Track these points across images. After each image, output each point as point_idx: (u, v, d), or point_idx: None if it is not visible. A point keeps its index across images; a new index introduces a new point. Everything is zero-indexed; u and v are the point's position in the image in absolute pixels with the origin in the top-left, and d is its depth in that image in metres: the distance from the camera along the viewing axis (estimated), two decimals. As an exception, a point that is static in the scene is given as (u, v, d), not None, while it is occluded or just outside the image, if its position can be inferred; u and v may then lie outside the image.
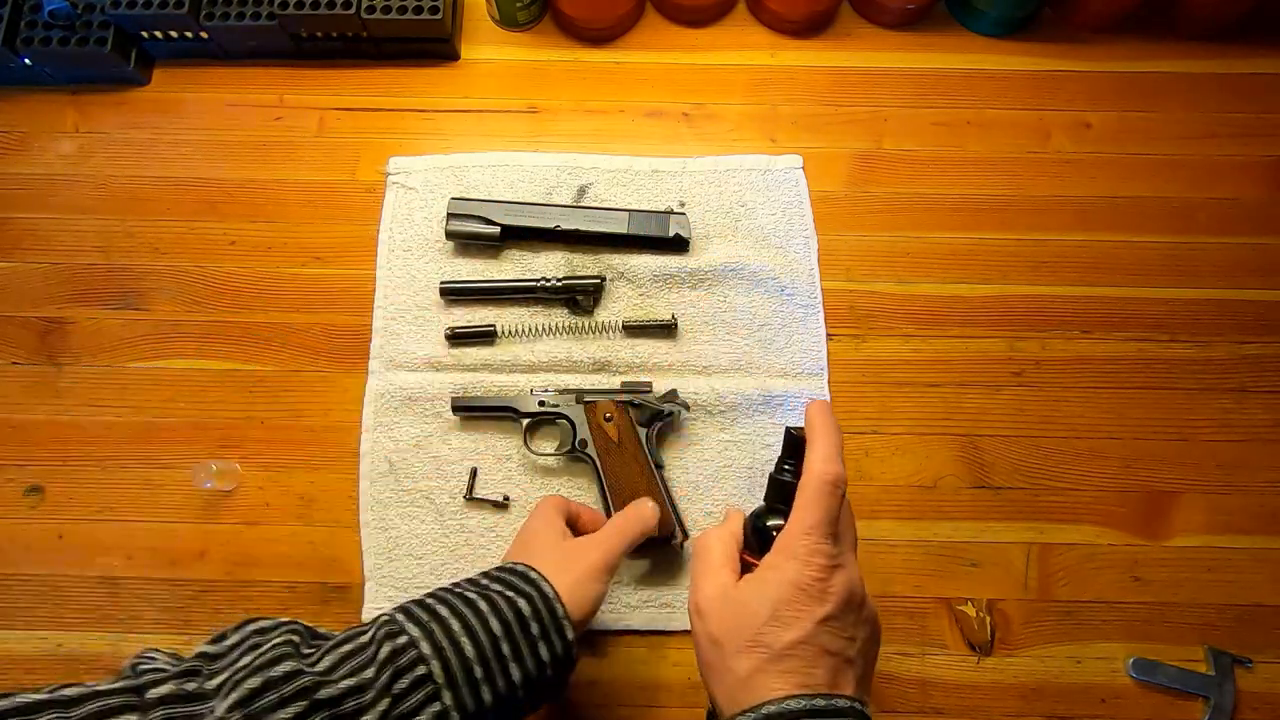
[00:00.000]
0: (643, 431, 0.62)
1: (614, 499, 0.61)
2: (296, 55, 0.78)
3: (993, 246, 0.73)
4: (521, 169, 0.73)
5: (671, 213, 0.70)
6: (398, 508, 0.65)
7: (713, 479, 0.65)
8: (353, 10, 0.72)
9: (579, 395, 0.64)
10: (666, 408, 0.63)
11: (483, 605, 0.44)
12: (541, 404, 0.64)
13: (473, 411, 0.65)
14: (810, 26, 0.79)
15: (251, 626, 0.43)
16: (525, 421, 0.64)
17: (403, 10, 0.73)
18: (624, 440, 0.62)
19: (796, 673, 0.37)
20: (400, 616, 0.43)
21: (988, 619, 0.63)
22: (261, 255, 0.72)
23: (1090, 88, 0.77)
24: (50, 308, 0.71)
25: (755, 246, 0.71)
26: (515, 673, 0.43)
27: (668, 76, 0.78)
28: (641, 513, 0.54)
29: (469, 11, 0.80)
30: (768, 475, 0.45)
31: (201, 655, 0.42)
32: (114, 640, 0.62)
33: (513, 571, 0.48)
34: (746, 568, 0.42)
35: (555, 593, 0.46)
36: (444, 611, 0.44)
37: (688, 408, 0.65)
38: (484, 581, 0.47)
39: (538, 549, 0.51)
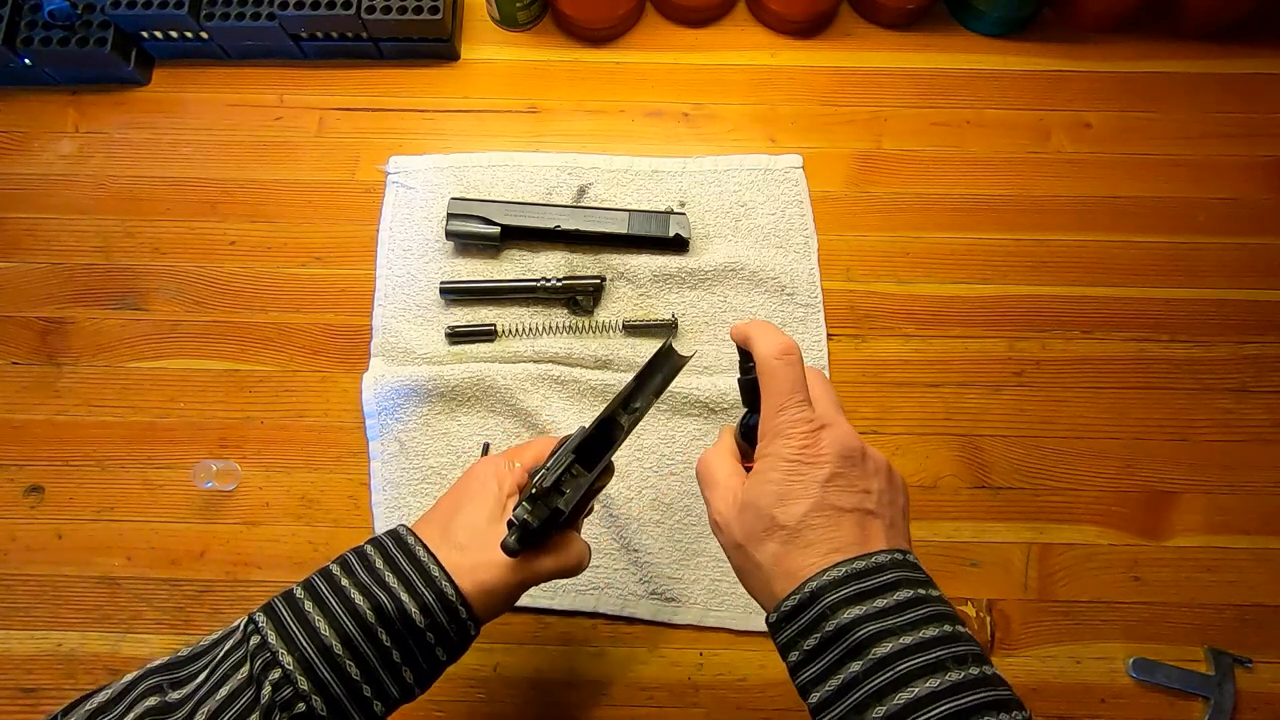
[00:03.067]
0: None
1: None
2: (296, 55, 0.78)
3: (993, 246, 0.73)
4: (521, 169, 0.73)
5: (671, 213, 0.70)
6: (409, 485, 0.65)
7: (713, 479, 0.65)
8: (353, 10, 0.72)
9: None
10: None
11: (369, 616, 0.39)
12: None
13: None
14: (810, 26, 0.79)
15: (87, 708, 0.36)
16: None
17: (403, 10, 0.73)
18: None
19: (821, 541, 0.36)
20: (273, 638, 0.38)
21: (988, 619, 0.63)
22: (261, 255, 0.72)
23: (1090, 88, 0.78)
24: (50, 308, 0.71)
25: (755, 246, 0.71)
26: (408, 675, 0.40)
27: (668, 76, 0.78)
28: (577, 558, 0.47)
29: (469, 11, 0.80)
30: (738, 384, 0.45)
31: None
32: (114, 640, 0.62)
33: (413, 559, 0.42)
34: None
35: (457, 593, 0.41)
36: (324, 629, 0.38)
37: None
38: (378, 566, 0.41)
39: (464, 514, 0.45)
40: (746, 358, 0.43)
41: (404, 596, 0.40)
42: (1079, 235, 0.73)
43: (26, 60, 0.73)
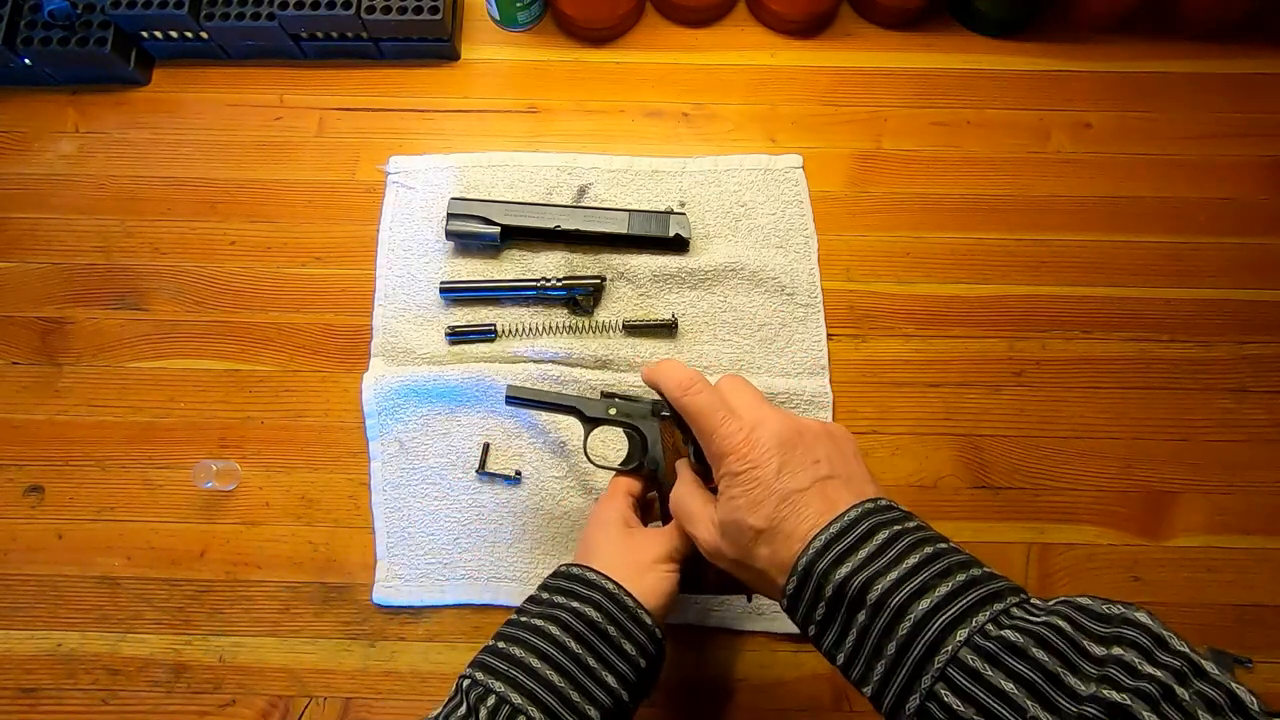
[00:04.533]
0: None
1: None
2: (296, 55, 0.78)
3: (993, 246, 0.73)
4: (521, 169, 0.73)
5: (671, 213, 0.70)
6: (409, 487, 0.65)
7: (713, 479, 0.66)
8: (353, 10, 0.72)
9: (655, 408, 0.55)
10: None
11: (554, 630, 0.44)
12: (613, 412, 0.56)
13: (526, 406, 0.59)
14: (810, 26, 0.79)
15: None
16: (588, 428, 0.58)
17: (403, 10, 0.73)
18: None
19: (799, 526, 0.39)
20: (481, 675, 0.43)
21: (988, 619, 0.63)
22: (261, 255, 0.72)
23: (1090, 88, 0.78)
24: (50, 308, 0.71)
25: (755, 246, 0.71)
26: (610, 679, 0.44)
27: (668, 76, 0.78)
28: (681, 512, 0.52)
29: (469, 11, 0.80)
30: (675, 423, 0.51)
31: None
32: (114, 640, 0.62)
33: (571, 578, 0.47)
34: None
35: (619, 586, 0.46)
36: (519, 653, 0.43)
37: None
38: (546, 597, 0.47)
39: (598, 542, 0.50)
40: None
41: (575, 604, 0.45)
42: (1079, 235, 0.73)
43: (26, 60, 0.73)
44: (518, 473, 0.65)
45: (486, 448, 0.66)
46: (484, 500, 0.65)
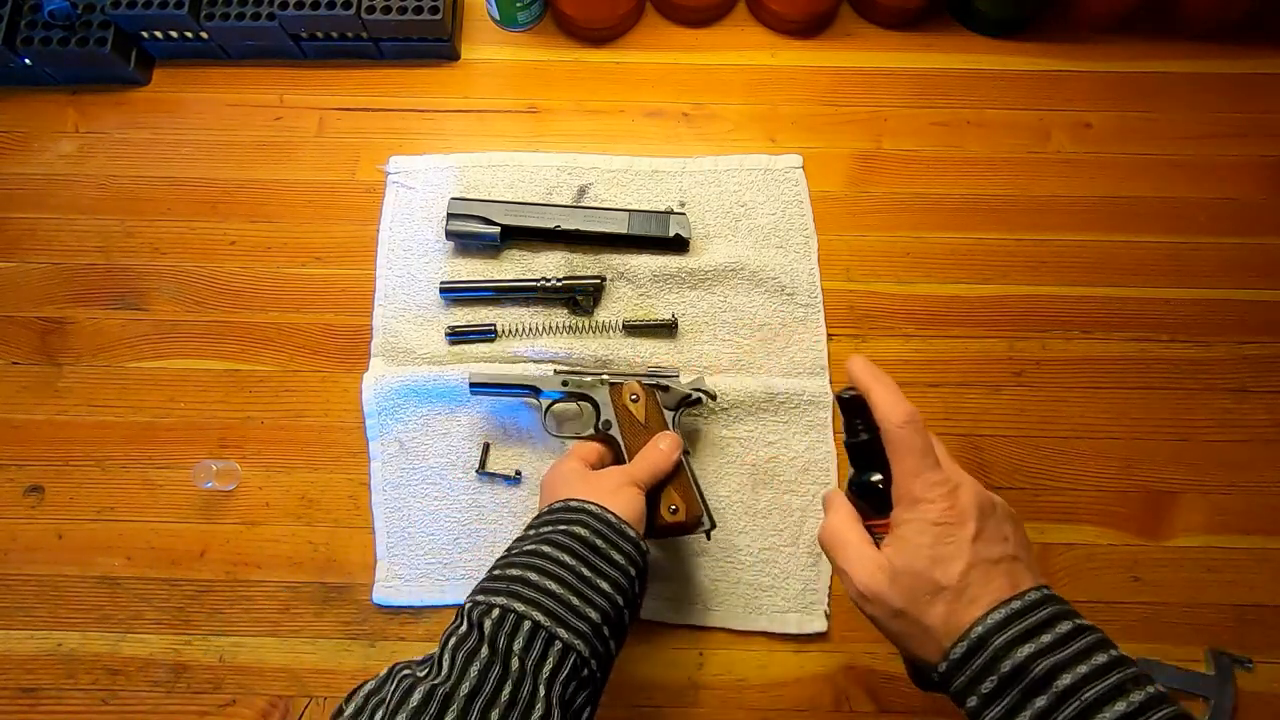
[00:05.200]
0: (669, 415, 0.61)
1: None
2: (296, 55, 0.78)
3: (993, 246, 0.73)
4: (521, 169, 0.73)
5: (671, 213, 0.70)
6: (409, 487, 0.66)
7: (715, 476, 0.65)
8: (353, 10, 0.72)
9: (603, 378, 0.62)
10: (693, 393, 0.62)
11: (546, 549, 0.46)
12: (565, 384, 0.62)
13: (490, 392, 0.64)
14: (810, 26, 0.79)
15: (361, 693, 0.41)
16: (546, 402, 0.63)
17: (403, 10, 0.73)
18: (650, 421, 0.60)
19: (982, 595, 0.38)
20: (481, 597, 0.44)
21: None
22: (261, 255, 0.72)
23: (1090, 88, 0.78)
24: (50, 308, 0.71)
25: (755, 246, 0.71)
26: (605, 585, 0.45)
27: (668, 76, 0.78)
28: (660, 446, 0.56)
29: (469, 11, 0.80)
30: (844, 446, 0.48)
31: None
32: (114, 640, 0.62)
33: (551, 510, 0.50)
34: (875, 534, 0.43)
35: (600, 506, 0.49)
36: (516, 572, 0.45)
37: (714, 396, 0.64)
38: (532, 532, 0.49)
39: (564, 487, 0.52)
40: (854, 417, 0.46)
41: (562, 526, 0.48)
42: (1079, 235, 0.73)
43: (26, 60, 0.73)
44: (518, 473, 0.65)
45: (486, 448, 0.66)
46: (484, 500, 0.65)
